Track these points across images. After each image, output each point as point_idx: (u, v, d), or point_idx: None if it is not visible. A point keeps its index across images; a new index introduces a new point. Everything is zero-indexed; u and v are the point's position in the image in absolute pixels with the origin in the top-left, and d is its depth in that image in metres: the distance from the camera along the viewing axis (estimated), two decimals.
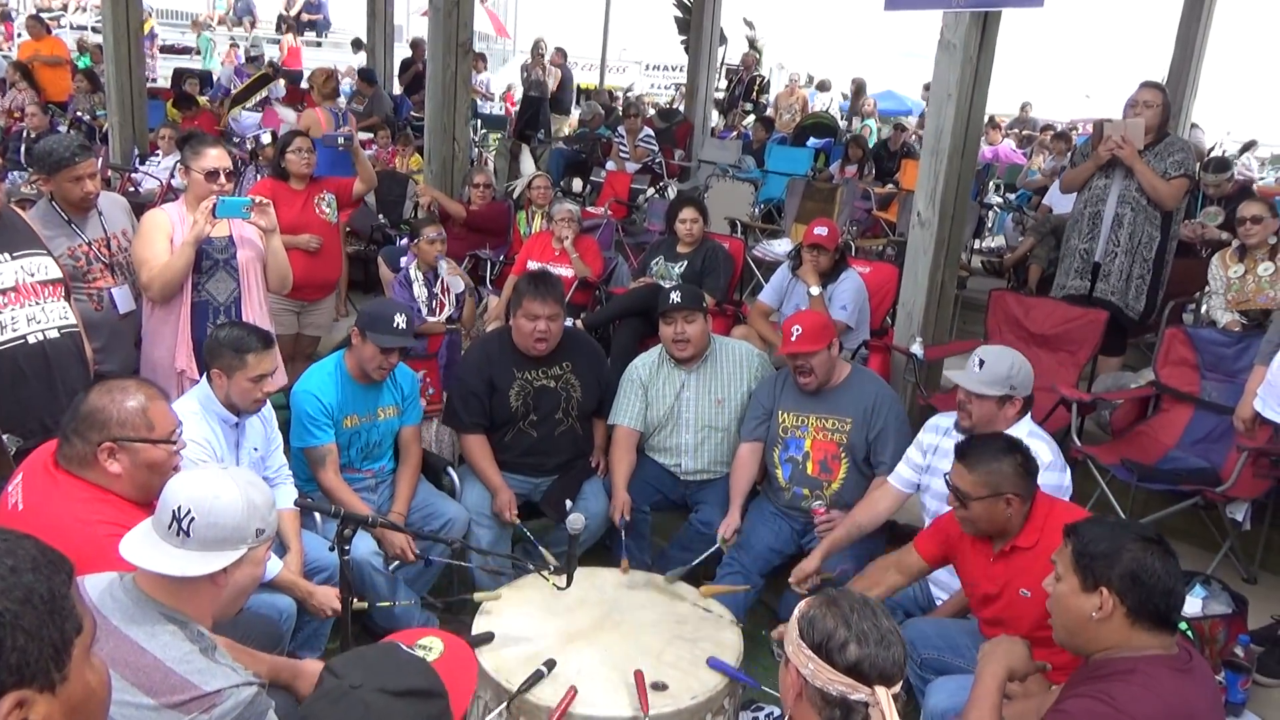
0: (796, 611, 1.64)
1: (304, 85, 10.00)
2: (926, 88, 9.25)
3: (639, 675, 2.40)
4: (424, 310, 4.54)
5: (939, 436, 3.13)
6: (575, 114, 12.30)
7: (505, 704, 2.34)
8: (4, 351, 2.79)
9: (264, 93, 10.47)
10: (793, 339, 3.41)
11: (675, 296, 3.65)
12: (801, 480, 3.50)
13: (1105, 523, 2.04)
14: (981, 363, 2.93)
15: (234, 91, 10.89)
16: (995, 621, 2.52)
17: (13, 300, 2.82)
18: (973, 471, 2.47)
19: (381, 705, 1.30)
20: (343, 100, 11.42)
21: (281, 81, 11.25)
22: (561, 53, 12.60)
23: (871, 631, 1.55)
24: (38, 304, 2.88)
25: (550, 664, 2.43)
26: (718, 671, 2.51)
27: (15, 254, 2.87)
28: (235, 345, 2.80)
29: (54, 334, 2.92)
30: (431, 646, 1.61)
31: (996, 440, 2.55)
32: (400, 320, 3.30)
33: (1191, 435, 4.08)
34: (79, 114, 9.61)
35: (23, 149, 8.17)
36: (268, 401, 3.08)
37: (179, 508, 1.72)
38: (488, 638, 2.57)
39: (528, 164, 8.06)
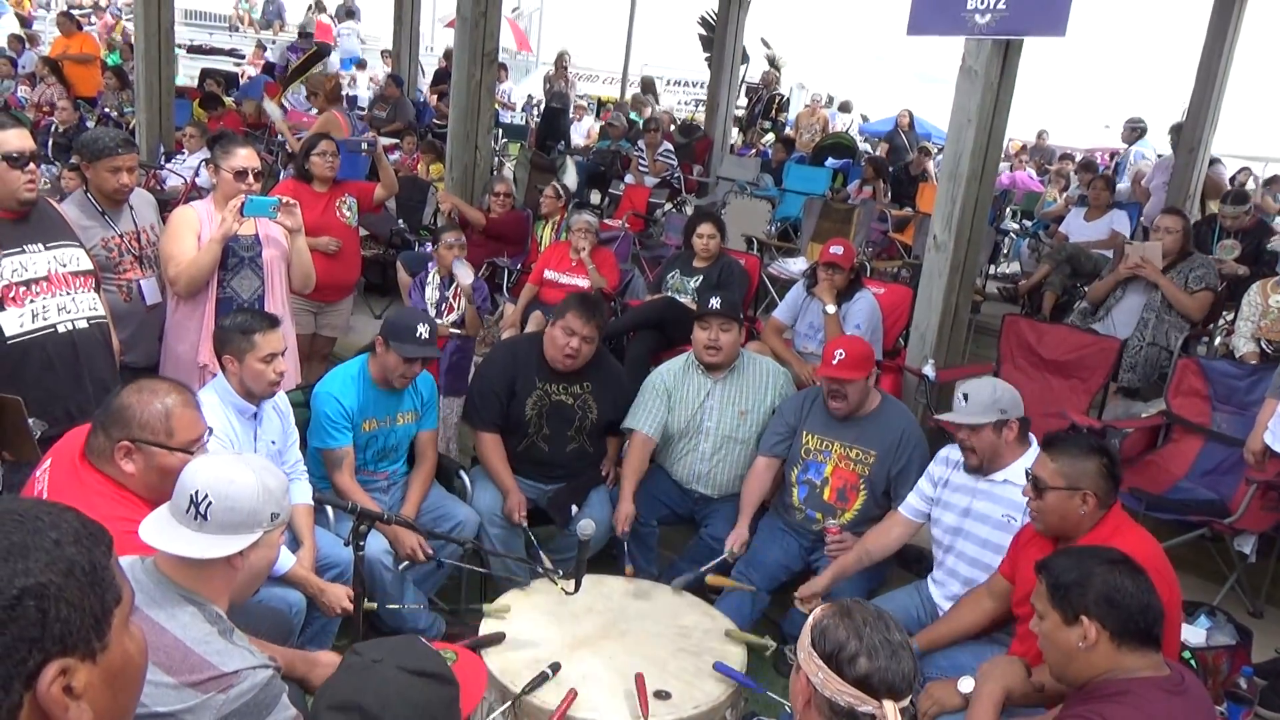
0: (811, 619, 1.65)
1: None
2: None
3: (640, 679, 2.42)
4: (432, 312, 4.60)
5: (948, 469, 3.12)
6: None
7: (509, 703, 2.37)
8: (34, 340, 2.84)
9: (319, 67, 10.60)
10: (834, 362, 3.37)
11: (715, 303, 3.66)
12: (816, 504, 3.51)
13: (1071, 552, 2.07)
14: (965, 396, 2.96)
15: (290, 68, 11.07)
16: (1025, 617, 2.53)
17: (44, 290, 2.88)
18: (1055, 460, 2.47)
19: (399, 680, 1.37)
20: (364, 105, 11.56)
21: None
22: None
23: (883, 646, 1.56)
24: (68, 294, 2.94)
25: (555, 667, 2.46)
26: (724, 676, 2.53)
27: (49, 244, 2.92)
28: (241, 328, 2.87)
29: (83, 324, 2.96)
30: (446, 656, 1.64)
31: (1086, 438, 2.56)
32: (424, 331, 3.34)
33: (1201, 466, 4.08)
34: (107, 110, 9.75)
35: (50, 143, 8.30)
36: (285, 396, 3.13)
37: (196, 492, 1.76)
38: (498, 638, 2.60)
39: (569, 176, 8.15)
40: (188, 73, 14.08)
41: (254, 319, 2.91)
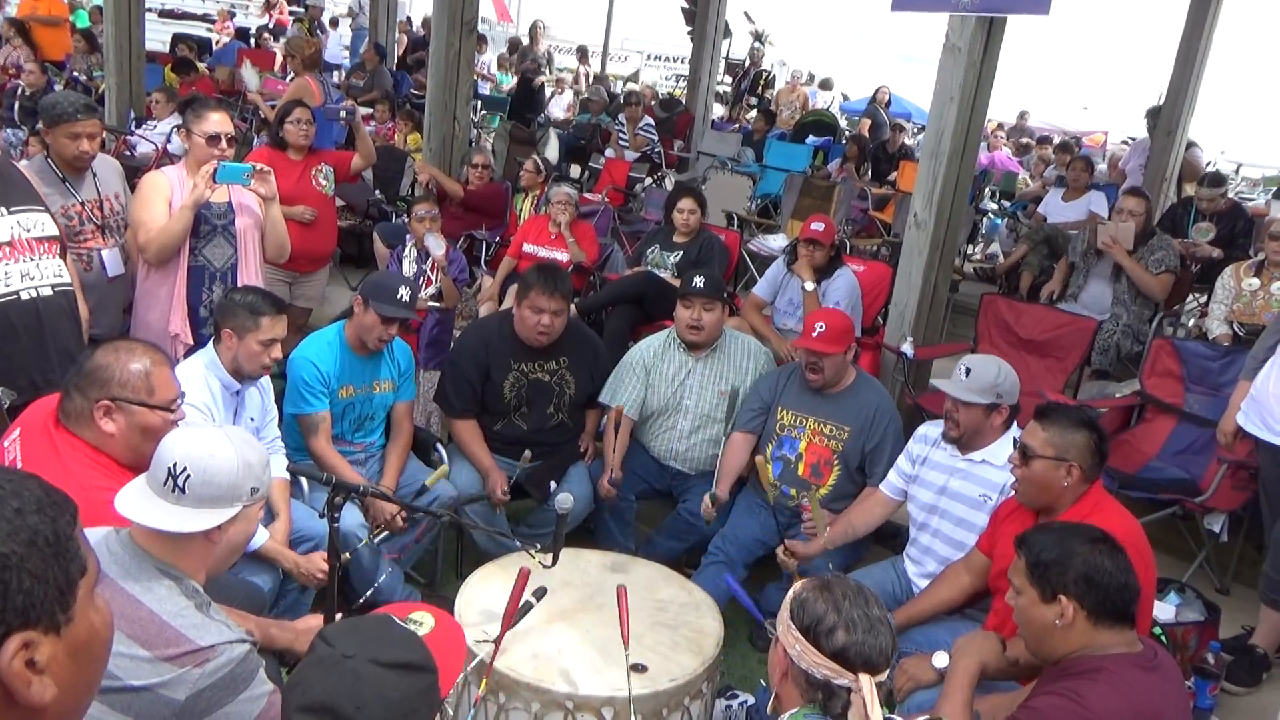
0: (790, 593, 1.67)
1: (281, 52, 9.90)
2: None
3: (621, 591, 2.40)
4: None
5: (927, 447, 3.14)
6: None
7: (495, 638, 2.34)
8: None
9: (296, 29, 10.43)
10: (814, 334, 3.36)
11: (699, 282, 3.62)
12: (791, 480, 3.51)
13: (1051, 529, 2.08)
14: (968, 370, 2.94)
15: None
16: (1001, 592, 2.54)
17: (7, 255, 2.81)
18: (1046, 430, 2.48)
19: (372, 676, 1.31)
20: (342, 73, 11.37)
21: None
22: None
23: (861, 620, 1.57)
24: (33, 260, 2.87)
25: (540, 592, 2.41)
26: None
27: (12, 209, 2.85)
28: (251, 308, 2.84)
29: (47, 291, 2.90)
30: (423, 621, 1.61)
31: (1078, 411, 2.57)
32: (404, 293, 3.32)
33: (1173, 446, 4.13)
34: (75, 74, 9.51)
35: (16, 106, 8.10)
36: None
37: (175, 464, 1.73)
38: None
39: (550, 150, 8.07)
40: (159, 37, 13.76)
41: (264, 301, 2.89)
